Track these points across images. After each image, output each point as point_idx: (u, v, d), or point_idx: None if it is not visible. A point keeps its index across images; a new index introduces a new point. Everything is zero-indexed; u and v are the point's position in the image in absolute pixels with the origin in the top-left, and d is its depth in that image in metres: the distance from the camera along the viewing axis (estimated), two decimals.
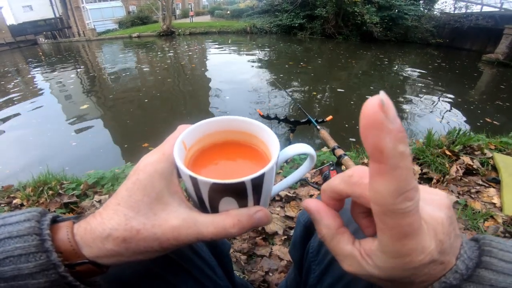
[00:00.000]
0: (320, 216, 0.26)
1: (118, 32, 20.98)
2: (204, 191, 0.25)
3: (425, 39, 13.96)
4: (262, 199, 0.28)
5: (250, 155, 0.32)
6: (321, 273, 0.43)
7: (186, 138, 0.29)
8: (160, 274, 0.36)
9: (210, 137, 0.32)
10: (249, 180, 0.24)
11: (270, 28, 16.30)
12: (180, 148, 0.28)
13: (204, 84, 6.67)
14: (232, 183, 0.24)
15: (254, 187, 0.25)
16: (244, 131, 0.32)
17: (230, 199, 0.26)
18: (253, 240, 1.19)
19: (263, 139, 0.31)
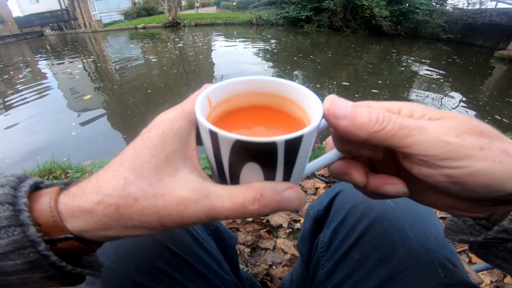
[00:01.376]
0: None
1: (124, 24, 20.93)
2: (224, 151, 0.20)
3: (436, 34, 13.64)
4: (295, 173, 0.23)
5: (285, 122, 0.27)
6: (330, 269, 0.41)
7: (212, 94, 0.25)
8: (165, 270, 0.35)
9: (240, 98, 0.27)
10: (283, 141, 0.19)
11: (276, 20, 16.06)
12: (204, 104, 0.24)
13: (208, 75, 6.65)
14: (260, 142, 0.19)
15: (287, 152, 0.20)
16: (279, 95, 0.27)
17: (254, 166, 0.21)
18: (257, 232, 1.17)
19: (301, 104, 0.26)
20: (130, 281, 0.33)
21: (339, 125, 0.21)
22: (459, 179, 0.18)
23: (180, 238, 0.39)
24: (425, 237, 0.35)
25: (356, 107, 0.21)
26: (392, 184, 0.23)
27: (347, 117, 0.20)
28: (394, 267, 0.34)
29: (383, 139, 0.20)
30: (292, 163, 0.21)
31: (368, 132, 0.20)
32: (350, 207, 0.41)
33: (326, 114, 0.21)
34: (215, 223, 0.49)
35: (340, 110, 0.21)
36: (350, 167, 0.24)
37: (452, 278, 0.32)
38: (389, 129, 0.19)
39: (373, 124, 0.20)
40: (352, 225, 0.40)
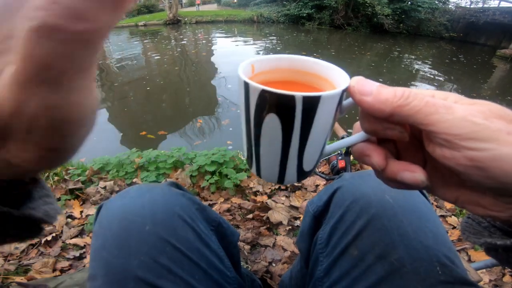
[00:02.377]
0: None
1: (124, 21, 20.83)
2: (253, 101, 0.23)
3: (438, 32, 13.55)
4: (312, 139, 0.24)
5: None
6: (329, 265, 0.41)
7: (256, 63, 0.28)
8: (168, 265, 0.35)
9: (280, 72, 0.30)
10: (301, 97, 0.21)
11: (277, 17, 15.96)
12: (247, 68, 0.27)
13: (209, 72, 6.63)
14: (281, 94, 0.21)
15: (305, 110, 0.22)
16: (316, 74, 0.29)
17: (274, 118, 0.23)
18: (257, 229, 1.18)
19: (334, 83, 0.27)
20: (132, 276, 0.33)
21: (364, 101, 0.21)
22: (483, 163, 0.17)
23: (182, 234, 0.39)
24: (424, 233, 0.36)
25: (382, 86, 0.21)
26: (411, 172, 0.22)
27: (372, 93, 0.21)
28: (393, 264, 0.34)
29: (408, 115, 0.20)
30: (309, 124, 0.23)
31: (393, 106, 0.20)
32: (349, 203, 0.42)
33: (351, 91, 0.22)
34: (217, 219, 0.49)
35: (366, 87, 0.22)
36: (371, 149, 0.24)
37: (450, 275, 0.33)
38: (415, 104, 0.19)
39: (397, 99, 0.20)
40: (351, 221, 0.40)
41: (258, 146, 0.26)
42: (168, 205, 0.41)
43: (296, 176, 0.28)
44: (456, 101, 0.20)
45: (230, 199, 1.37)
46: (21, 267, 1.01)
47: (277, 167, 0.27)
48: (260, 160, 0.27)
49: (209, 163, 1.43)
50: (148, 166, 1.55)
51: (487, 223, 0.24)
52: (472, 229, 0.25)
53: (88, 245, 1.14)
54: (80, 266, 1.06)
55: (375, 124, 0.23)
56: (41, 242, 1.12)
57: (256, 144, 0.26)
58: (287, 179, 0.28)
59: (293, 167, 0.27)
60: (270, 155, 0.26)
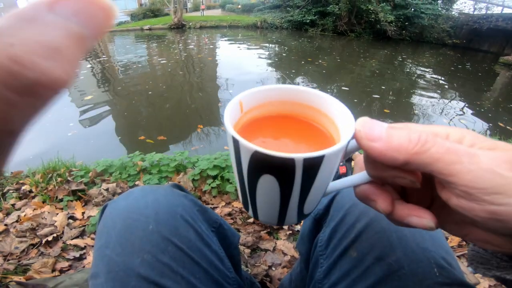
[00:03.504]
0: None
1: (130, 25, 21.14)
2: (244, 160, 0.21)
3: (441, 39, 13.60)
4: (313, 194, 0.22)
5: (314, 136, 0.26)
6: (329, 267, 0.41)
7: (245, 99, 0.25)
8: (169, 264, 0.36)
9: (272, 105, 0.27)
10: (301, 160, 0.18)
11: (281, 23, 16.13)
12: (235, 108, 0.24)
13: (212, 77, 6.67)
14: (278, 157, 0.18)
15: (305, 171, 0.19)
16: (313, 106, 0.26)
17: (271, 179, 0.20)
18: (258, 233, 1.18)
19: (334, 120, 0.25)
20: (135, 273, 0.34)
21: (373, 148, 0.19)
22: (504, 216, 0.16)
23: (184, 234, 0.39)
24: (422, 236, 0.36)
25: (393, 129, 0.19)
26: (419, 217, 0.21)
27: (382, 138, 0.19)
28: (391, 265, 0.34)
29: (426, 163, 0.17)
30: (311, 182, 0.21)
31: (408, 154, 0.18)
32: (349, 206, 0.42)
33: (358, 136, 0.20)
34: (218, 221, 0.50)
35: (374, 131, 0.19)
36: (376, 193, 0.22)
37: (447, 277, 0.33)
38: (434, 151, 0.17)
39: (413, 145, 0.18)
40: (350, 224, 0.40)
41: (254, 198, 0.24)
42: (171, 206, 0.41)
43: (296, 219, 0.26)
44: (474, 143, 0.18)
45: (231, 203, 1.37)
46: (20, 267, 1.01)
47: (276, 215, 0.25)
48: (257, 208, 0.25)
49: (211, 167, 1.44)
50: (151, 169, 1.56)
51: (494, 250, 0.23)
52: (480, 258, 0.25)
53: (89, 246, 1.14)
54: (80, 266, 1.06)
55: (383, 172, 0.20)
56: (42, 242, 1.13)
57: (252, 196, 0.24)
58: (287, 222, 0.26)
59: (293, 213, 0.25)
60: (268, 207, 0.24)
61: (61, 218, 1.25)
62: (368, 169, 0.22)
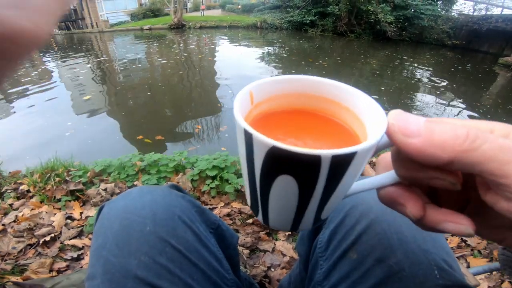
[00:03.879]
0: None
1: (130, 24, 21.16)
2: (258, 158, 0.18)
3: (441, 40, 13.63)
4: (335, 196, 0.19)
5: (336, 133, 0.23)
6: (328, 269, 0.41)
7: (256, 90, 0.22)
8: (167, 265, 0.35)
9: (286, 98, 0.24)
10: (329, 157, 0.16)
11: (281, 24, 16.15)
12: (245, 99, 0.21)
13: (211, 77, 6.67)
14: (301, 153, 0.15)
15: (332, 171, 0.16)
16: (333, 99, 0.23)
17: (289, 181, 0.17)
18: (257, 234, 1.17)
19: (358, 114, 0.22)
20: (131, 275, 0.33)
21: (410, 144, 0.16)
22: None
23: (182, 235, 0.39)
24: (422, 238, 0.35)
25: (433, 122, 0.16)
26: (455, 223, 0.18)
27: (421, 133, 0.16)
28: (392, 267, 0.34)
29: (476, 163, 0.15)
30: (336, 184, 0.18)
31: (455, 152, 0.15)
32: (349, 208, 0.42)
33: (391, 130, 0.17)
34: (217, 222, 0.50)
35: (411, 125, 0.17)
36: (405, 196, 0.19)
37: (448, 279, 0.33)
38: (487, 149, 0.15)
39: (461, 141, 0.15)
40: (350, 225, 0.40)
41: (266, 202, 0.21)
42: (169, 207, 0.41)
43: (312, 225, 0.23)
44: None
45: (230, 203, 1.37)
46: (17, 267, 1.01)
47: (290, 221, 0.22)
48: (269, 213, 0.22)
49: (210, 168, 1.44)
50: (150, 169, 1.56)
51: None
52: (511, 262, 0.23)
53: (87, 246, 1.13)
54: (77, 267, 1.05)
55: (417, 172, 0.18)
56: (39, 242, 1.12)
57: (264, 199, 0.21)
58: (301, 228, 0.23)
59: (310, 219, 0.22)
60: (281, 212, 0.21)
61: (59, 218, 1.25)
62: (398, 168, 0.19)
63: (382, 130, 0.17)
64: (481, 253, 1.14)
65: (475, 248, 1.17)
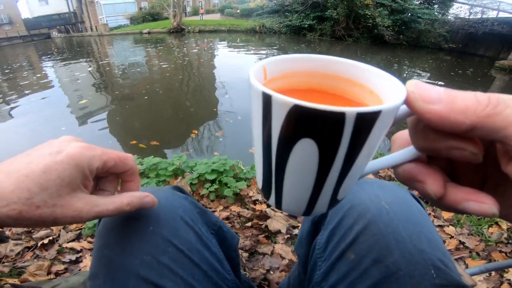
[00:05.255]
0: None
1: (129, 28, 21.25)
2: (277, 121, 0.17)
3: (438, 43, 13.78)
4: (356, 166, 0.18)
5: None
6: (327, 270, 0.41)
7: (269, 66, 0.21)
8: (169, 265, 0.36)
9: (300, 76, 0.23)
10: (354, 114, 0.15)
11: (279, 28, 16.28)
12: (259, 73, 0.20)
13: (210, 81, 6.69)
14: (325, 111, 0.15)
15: (356, 131, 0.16)
16: (349, 78, 0.23)
17: (309, 145, 0.16)
18: (256, 237, 1.17)
19: (373, 88, 0.21)
20: (134, 274, 0.34)
21: (432, 110, 0.16)
22: None
23: (184, 235, 0.39)
24: (419, 238, 0.36)
25: (451, 90, 0.16)
26: (479, 202, 0.17)
27: (442, 100, 0.16)
28: (389, 267, 0.34)
29: (498, 128, 0.15)
30: (359, 148, 0.17)
31: (478, 117, 0.15)
32: (347, 209, 0.42)
33: (411, 98, 0.16)
34: (218, 223, 0.50)
35: (432, 92, 0.16)
36: (424, 172, 0.19)
37: (444, 278, 0.33)
38: (509, 114, 0.14)
39: (483, 106, 0.15)
40: (348, 226, 0.40)
41: (282, 177, 0.20)
42: (171, 208, 0.41)
43: (327, 206, 0.22)
44: None
45: (229, 207, 1.37)
46: (15, 269, 1.00)
47: (305, 200, 0.21)
48: (283, 192, 0.21)
49: (209, 172, 1.44)
50: (149, 173, 1.56)
51: None
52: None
53: (85, 249, 1.13)
54: (76, 269, 1.05)
55: (437, 142, 0.17)
56: (37, 245, 1.12)
57: (279, 174, 0.20)
58: (315, 211, 0.22)
59: (326, 199, 0.21)
60: (298, 188, 0.20)
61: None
62: (418, 140, 0.18)
63: (403, 96, 0.17)
64: (480, 255, 1.14)
65: (473, 250, 1.17)
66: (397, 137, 0.22)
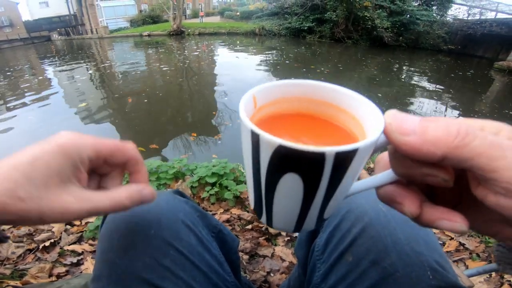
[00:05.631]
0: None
1: (129, 31, 21.33)
2: (264, 157, 0.18)
3: (437, 45, 13.82)
4: (339, 192, 0.20)
5: (336, 135, 0.24)
6: (325, 271, 0.42)
7: (258, 94, 0.23)
8: (170, 268, 0.37)
9: (288, 102, 0.25)
10: (333, 154, 0.16)
11: (279, 30, 16.34)
12: (248, 102, 0.22)
13: (210, 83, 6.70)
14: (307, 151, 0.16)
15: (335, 167, 0.17)
16: (333, 104, 0.24)
17: (294, 178, 0.18)
18: (256, 240, 1.18)
19: (355, 114, 0.23)
20: (136, 276, 0.34)
21: (406, 142, 0.17)
22: None
23: (185, 238, 0.40)
24: (416, 240, 0.37)
25: (427, 121, 0.17)
26: (451, 221, 0.19)
27: (416, 131, 0.17)
28: (386, 269, 0.35)
29: (467, 158, 0.16)
30: (339, 180, 0.19)
31: (448, 148, 0.16)
32: (345, 212, 0.43)
33: (388, 129, 0.18)
34: (218, 226, 0.51)
35: (407, 124, 0.17)
36: (403, 195, 0.20)
37: (441, 280, 0.34)
38: (476, 145, 0.16)
39: (453, 138, 0.16)
40: (346, 229, 0.41)
41: (271, 202, 0.22)
42: (172, 211, 0.42)
43: (315, 224, 0.24)
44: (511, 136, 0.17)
45: (229, 210, 1.37)
46: (16, 272, 1.01)
47: (294, 221, 0.23)
48: (273, 213, 0.23)
49: (209, 175, 1.44)
50: (149, 176, 1.57)
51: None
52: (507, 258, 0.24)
53: (87, 251, 1.13)
54: (77, 272, 1.05)
55: (413, 169, 0.18)
56: (39, 247, 1.12)
57: (268, 199, 0.22)
58: (304, 229, 0.24)
59: (313, 219, 0.23)
60: (286, 211, 0.22)
61: (59, 224, 1.25)
62: (395, 166, 0.20)
63: (380, 129, 0.18)
64: (480, 256, 1.15)
65: (474, 251, 1.17)
66: (380, 159, 0.23)
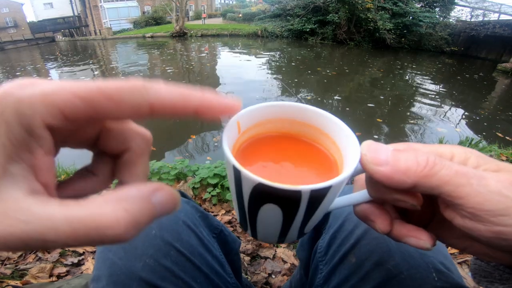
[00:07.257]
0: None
1: (133, 32, 21.48)
2: (246, 189, 0.20)
3: (440, 47, 13.76)
4: (315, 217, 0.22)
5: (315, 159, 0.26)
6: (328, 273, 0.42)
7: (243, 118, 0.24)
8: (171, 268, 0.36)
9: (271, 124, 0.26)
10: (308, 192, 0.18)
11: (281, 32, 16.36)
12: (232, 129, 0.23)
13: (213, 85, 6.71)
14: (284, 190, 0.18)
15: (311, 202, 0.19)
16: (313, 125, 0.26)
17: (274, 208, 0.20)
18: (258, 241, 1.17)
19: (336, 140, 0.24)
20: (136, 277, 0.34)
21: (380, 172, 0.19)
22: (509, 236, 0.17)
23: (186, 239, 0.40)
24: None
25: (399, 152, 0.19)
26: (416, 238, 0.21)
27: (389, 162, 0.18)
28: (390, 271, 0.35)
29: (435, 186, 0.18)
30: (315, 209, 0.21)
31: (417, 177, 0.18)
32: (348, 213, 0.43)
33: (364, 160, 0.20)
34: (219, 227, 0.50)
35: (380, 155, 0.19)
36: (376, 213, 0.23)
37: (446, 281, 0.33)
38: (443, 174, 0.17)
39: (421, 168, 0.18)
40: (349, 230, 0.41)
41: (254, 222, 0.24)
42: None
43: (296, 237, 0.26)
44: (478, 164, 0.19)
45: (231, 211, 1.37)
46: (17, 272, 1.01)
47: (276, 236, 0.25)
48: (257, 230, 0.25)
49: (211, 176, 1.44)
50: (151, 177, 1.57)
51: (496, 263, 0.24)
52: (483, 271, 0.25)
53: (88, 252, 1.13)
54: (78, 272, 1.05)
55: (385, 194, 0.20)
56: None
57: (252, 220, 0.23)
58: (287, 240, 0.26)
59: (294, 233, 0.25)
60: (268, 230, 0.24)
61: None
62: (370, 190, 0.22)
63: (355, 161, 0.20)
64: None
65: None
66: (359, 179, 0.25)
